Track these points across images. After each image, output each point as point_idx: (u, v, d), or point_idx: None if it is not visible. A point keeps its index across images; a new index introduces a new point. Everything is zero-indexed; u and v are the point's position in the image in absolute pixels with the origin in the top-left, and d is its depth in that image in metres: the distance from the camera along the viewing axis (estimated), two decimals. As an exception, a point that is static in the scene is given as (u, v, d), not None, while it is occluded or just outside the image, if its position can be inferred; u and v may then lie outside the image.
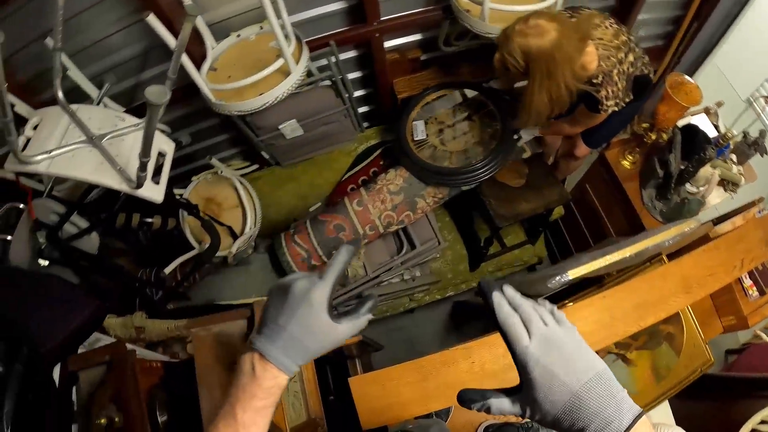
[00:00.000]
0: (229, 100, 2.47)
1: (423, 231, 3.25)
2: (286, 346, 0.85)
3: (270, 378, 0.85)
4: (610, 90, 2.33)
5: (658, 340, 2.38)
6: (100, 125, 2.13)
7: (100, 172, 2.01)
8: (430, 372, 1.97)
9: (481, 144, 3.00)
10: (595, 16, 2.35)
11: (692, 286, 2.12)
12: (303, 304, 0.86)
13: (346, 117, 3.20)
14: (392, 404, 1.97)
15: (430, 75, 3.22)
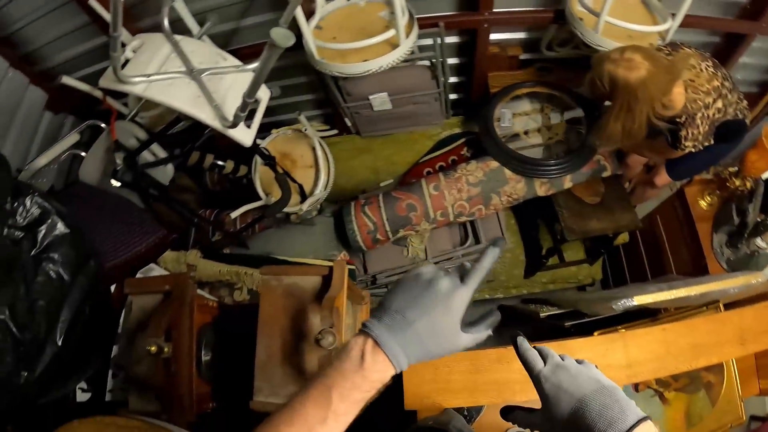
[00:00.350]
0: (331, 60, 2.47)
1: (490, 228, 3.23)
2: (407, 342, 0.80)
3: (378, 371, 0.79)
4: (690, 131, 2.33)
5: (697, 386, 2.36)
6: (201, 60, 2.15)
7: (196, 105, 2.03)
8: (483, 366, 1.97)
9: (564, 143, 3.00)
10: (693, 56, 2.34)
11: (747, 339, 2.11)
12: (440, 305, 0.81)
13: (436, 100, 3.18)
14: (440, 390, 1.97)
15: (525, 75, 3.19)
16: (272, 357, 1.80)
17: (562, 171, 2.87)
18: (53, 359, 1.69)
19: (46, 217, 1.75)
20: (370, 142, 3.49)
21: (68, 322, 1.75)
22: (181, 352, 1.82)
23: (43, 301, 1.67)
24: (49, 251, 1.74)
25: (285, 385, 1.78)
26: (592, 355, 2.00)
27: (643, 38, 2.56)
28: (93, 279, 1.86)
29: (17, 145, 2.90)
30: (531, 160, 2.86)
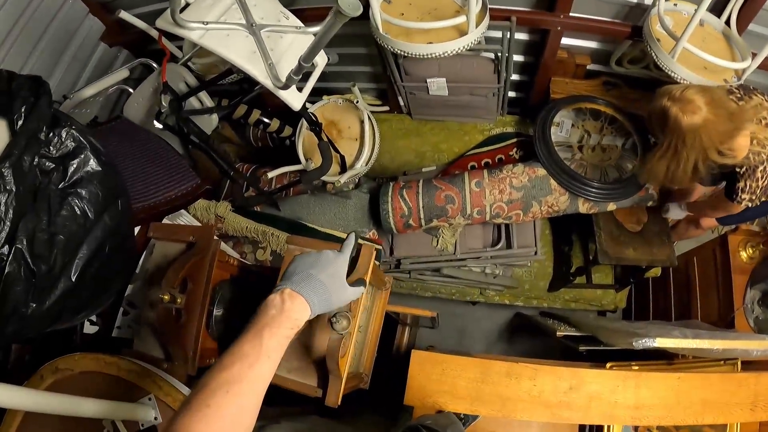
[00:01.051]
0: (395, 36, 2.43)
1: (525, 235, 3.17)
2: (315, 289, 1.06)
3: (297, 311, 1.02)
4: (748, 184, 2.21)
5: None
6: (263, 15, 2.11)
7: (250, 60, 1.99)
8: (491, 377, 1.97)
9: (617, 169, 2.92)
10: (761, 107, 2.19)
11: (759, 406, 2.09)
12: (333, 263, 1.14)
13: (494, 95, 3.11)
14: (443, 391, 2.00)
15: (589, 86, 3.09)
16: None
17: (608, 197, 2.79)
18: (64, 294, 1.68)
19: (80, 152, 1.73)
20: (420, 125, 3.44)
21: (85, 259, 1.73)
22: (194, 305, 1.82)
23: (64, 236, 1.66)
24: (77, 186, 1.72)
25: (289, 359, 1.77)
26: (602, 389, 1.97)
27: (719, 73, 2.46)
28: (118, 219, 1.84)
29: (68, 72, 2.96)
30: (580, 177, 2.77)
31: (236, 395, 0.88)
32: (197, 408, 0.86)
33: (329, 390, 1.67)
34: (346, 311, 1.62)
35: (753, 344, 2.22)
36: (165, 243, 2.09)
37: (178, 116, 2.51)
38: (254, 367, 0.92)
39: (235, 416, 0.88)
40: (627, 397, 1.99)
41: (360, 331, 2.04)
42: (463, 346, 3.76)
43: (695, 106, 2.02)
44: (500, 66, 2.83)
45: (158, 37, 2.70)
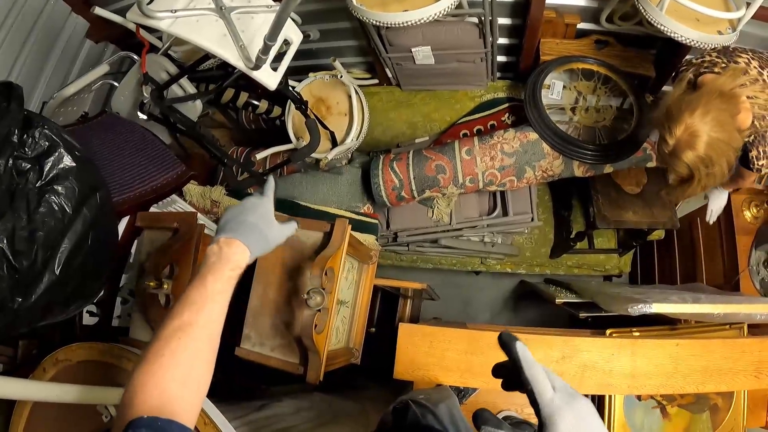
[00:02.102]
0: (371, 7, 2.37)
1: (520, 202, 3.14)
2: (249, 231, 1.13)
3: (236, 252, 1.07)
4: (761, 150, 2.05)
5: (702, 406, 2.31)
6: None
7: (221, 43, 1.96)
8: (481, 348, 1.95)
9: (611, 130, 2.84)
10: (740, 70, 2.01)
11: (764, 372, 2.03)
12: (258, 206, 1.19)
13: (483, 61, 3.04)
14: (432, 364, 1.96)
15: (581, 46, 3.00)
16: (264, 306, 1.81)
17: (604, 159, 2.73)
18: (50, 287, 1.72)
19: (54, 150, 1.77)
20: (411, 96, 3.39)
21: (68, 252, 1.77)
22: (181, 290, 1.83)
23: (43, 232, 1.70)
24: (53, 183, 1.76)
25: (272, 336, 1.79)
26: (597, 358, 1.94)
27: (712, 24, 2.36)
28: (97, 211, 1.87)
29: (57, 71, 2.98)
30: (573, 140, 2.71)
31: (189, 340, 0.91)
32: (153, 359, 0.88)
33: (309, 366, 1.68)
34: (320, 287, 1.62)
35: (756, 308, 2.17)
36: (153, 231, 2.12)
37: (160, 105, 2.52)
38: (202, 312, 0.95)
39: (190, 361, 0.90)
40: (623, 366, 1.95)
41: (346, 306, 2.04)
42: (468, 316, 3.76)
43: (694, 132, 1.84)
44: (485, 30, 2.75)
45: (136, 29, 2.70)
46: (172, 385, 0.86)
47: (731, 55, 2.10)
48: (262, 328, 1.79)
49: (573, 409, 0.78)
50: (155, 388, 0.85)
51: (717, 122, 1.83)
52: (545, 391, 0.80)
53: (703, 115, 1.82)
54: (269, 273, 1.82)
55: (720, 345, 2.02)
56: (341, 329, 2.02)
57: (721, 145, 1.85)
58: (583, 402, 0.80)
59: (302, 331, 1.60)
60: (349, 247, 1.82)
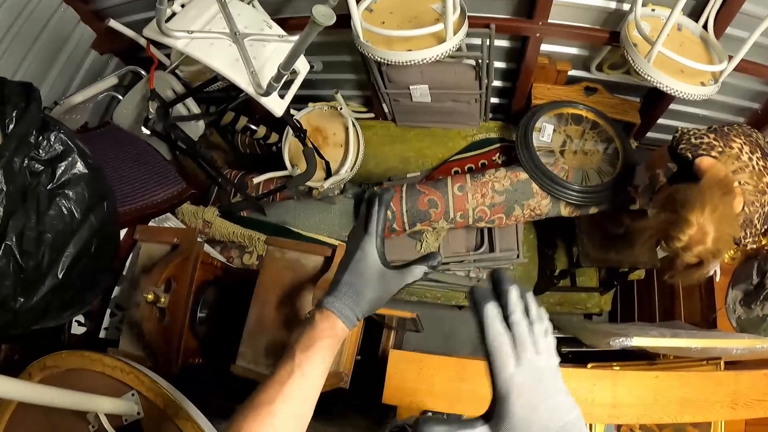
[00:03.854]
0: (376, 44, 2.46)
1: (507, 239, 3.21)
2: (341, 293, 0.94)
3: (326, 321, 0.91)
4: (749, 232, 2.16)
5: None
6: (246, 24, 2.16)
7: (233, 68, 2.04)
8: (469, 376, 1.97)
9: (599, 173, 2.95)
10: (735, 156, 2.12)
11: (739, 404, 2.08)
12: (355, 255, 0.97)
13: (477, 101, 3.15)
14: (421, 390, 1.98)
15: (570, 92, 3.14)
16: (261, 326, 1.83)
17: (590, 201, 2.84)
18: (51, 290, 1.72)
19: (68, 155, 1.78)
20: (405, 131, 3.48)
21: (72, 257, 1.78)
22: (178, 305, 1.85)
23: (51, 234, 1.70)
24: (65, 187, 1.77)
25: (268, 355, 1.80)
26: (578, 387, 1.98)
27: (696, 76, 2.50)
28: (103, 220, 1.88)
29: (60, 78, 2.99)
30: (561, 181, 2.82)
31: (269, 415, 0.84)
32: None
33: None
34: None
35: (732, 343, 2.25)
36: (150, 245, 2.12)
37: (165, 123, 2.56)
38: (289, 383, 0.86)
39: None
40: (604, 396, 1.99)
41: (339, 332, 2.07)
42: (450, 349, 3.75)
43: (701, 230, 1.91)
44: (481, 72, 2.87)
45: (146, 45, 2.75)
46: None
47: (727, 138, 2.19)
48: (259, 346, 1.81)
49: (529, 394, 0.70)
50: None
51: (724, 217, 1.92)
52: (505, 365, 0.72)
53: (711, 212, 1.90)
54: (268, 293, 1.84)
55: (697, 377, 2.08)
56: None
57: (728, 238, 1.97)
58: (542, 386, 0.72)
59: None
60: (348, 273, 1.85)
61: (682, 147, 2.21)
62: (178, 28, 2.00)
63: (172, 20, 2.07)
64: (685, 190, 1.99)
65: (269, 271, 1.84)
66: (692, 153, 2.15)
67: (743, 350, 2.25)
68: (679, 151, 2.21)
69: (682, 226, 1.92)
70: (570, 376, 2.00)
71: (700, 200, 1.91)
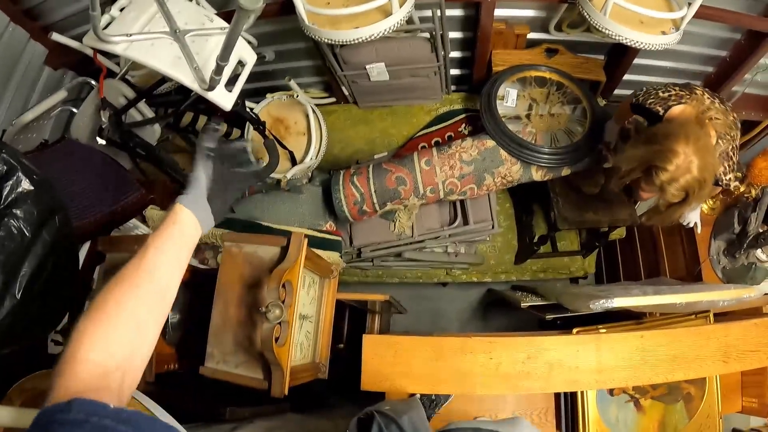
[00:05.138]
0: (322, 26, 2.40)
1: (480, 210, 3.17)
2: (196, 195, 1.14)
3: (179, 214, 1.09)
4: (726, 165, 2.17)
5: (676, 396, 2.33)
6: (187, 20, 2.11)
7: (175, 66, 2.00)
8: (446, 354, 1.95)
9: (567, 133, 2.91)
10: (701, 99, 2.20)
11: (731, 357, 2.06)
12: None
13: (436, 74, 3.09)
14: (399, 373, 1.96)
15: (531, 56, 3.08)
16: (226, 324, 1.81)
17: (561, 162, 2.79)
18: (12, 311, 1.69)
19: (12, 174, 1.74)
20: (368, 113, 3.43)
21: (29, 276, 1.74)
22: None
23: (3, 255, 1.67)
24: (12, 207, 1.73)
25: (235, 353, 1.78)
26: (561, 355, 1.96)
27: (656, 25, 2.45)
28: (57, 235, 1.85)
29: (16, 98, 2.94)
30: (529, 145, 2.77)
31: (132, 287, 0.93)
32: (97, 306, 0.89)
33: (273, 381, 1.68)
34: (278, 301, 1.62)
35: (717, 295, 2.22)
36: (114, 255, 2.10)
37: (119, 130, 2.51)
38: (145, 258, 0.97)
39: (135, 308, 0.92)
40: (588, 361, 1.96)
41: (310, 321, 2.04)
42: (439, 328, 3.76)
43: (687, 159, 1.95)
44: (436, 44, 2.80)
45: (93, 54, 2.69)
46: (116, 333, 0.88)
47: (689, 89, 2.24)
48: (225, 345, 1.79)
49: None
50: (101, 338, 0.86)
51: (705, 147, 1.97)
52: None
53: (695, 142, 1.94)
54: (229, 290, 1.82)
55: (686, 333, 2.06)
56: (306, 344, 2.02)
57: (711, 166, 1.99)
58: None
59: (263, 344, 1.61)
60: (307, 261, 1.82)
61: (651, 102, 2.24)
62: (116, 33, 1.96)
63: (111, 25, 2.03)
64: (665, 126, 2.09)
65: (228, 267, 1.84)
66: (663, 107, 2.18)
67: (730, 301, 2.23)
68: (649, 106, 2.23)
69: (669, 155, 1.95)
70: (552, 344, 1.97)
71: (683, 132, 1.97)
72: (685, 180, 1.95)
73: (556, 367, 1.95)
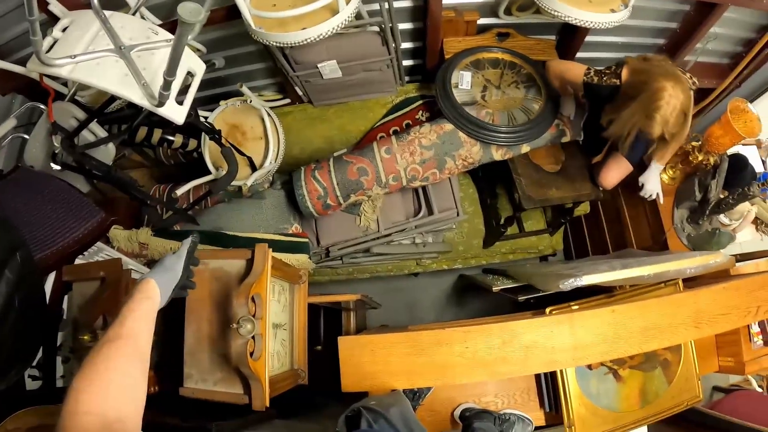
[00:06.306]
0: (269, 29, 2.37)
1: (444, 199, 3.18)
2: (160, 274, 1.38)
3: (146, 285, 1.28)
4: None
5: (653, 363, 2.37)
6: (131, 35, 2.05)
7: (123, 84, 1.94)
8: (422, 348, 1.94)
9: (524, 111, 2.93)
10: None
11: (703, 322, 2.10)
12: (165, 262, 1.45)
13: (389, 67, 3.07)
14: (378, 372, 1.95)
15: (483, 41, 3.09)
16: (200, 342, 1.80)
17: (519, 140, 2.82)
18: (-17, 352, 1.67)
19: (-34, 214, 1.72)
20: (323, 111, 3.39)
21: (-6, 314, 1.72)
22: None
23: None
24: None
25: (213, 371, 1.77)
26: (536, 337, 1.98)
27: (605, 4, 2.47)
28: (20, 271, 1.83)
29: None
30: (487, 125, 2.79)
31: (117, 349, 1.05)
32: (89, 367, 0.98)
33: (253, 394, 1.68)
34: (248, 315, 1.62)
35: (684, 263, 2.27)
36: (81, 284, 2.08)
37: (73, 153, 2.45)
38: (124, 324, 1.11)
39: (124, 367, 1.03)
40: (563, 341, 1.98)
41: (284, 328, 2.04)
42: (415, 318, 3.79)
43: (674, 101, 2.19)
44: (387, 37, 2.78)
45: (40, 78, 2.62)
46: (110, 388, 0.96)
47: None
48: (202, 364, 1.78)
49: None
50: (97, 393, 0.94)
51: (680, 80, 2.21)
52: None
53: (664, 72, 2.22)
54: (200, 309, 1.81)
55: (656, 303, 2.08)
56: (282, 352, 2.02)
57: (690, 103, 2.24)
58: None
59: (238, 360, 1.60)
60: (274, 270, 1.82)
61: (606, 78, 2.40)
62: (60, 55, 1.90)
63: (55, 47, 1.97)
64: (633, 80, 2.31)
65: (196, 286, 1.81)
66: (614, 77, 2.37)
67: (697, 268, 2.28)
68: (605, 83, 2.39)
69: (659, 92, 2.17)
70: (524, 328, 1.99)
71: (660, 71, 2.23)
72: (679, 101, 2.18)
73: (532, 349, 1.97)
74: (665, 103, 2.16)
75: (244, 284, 1.67)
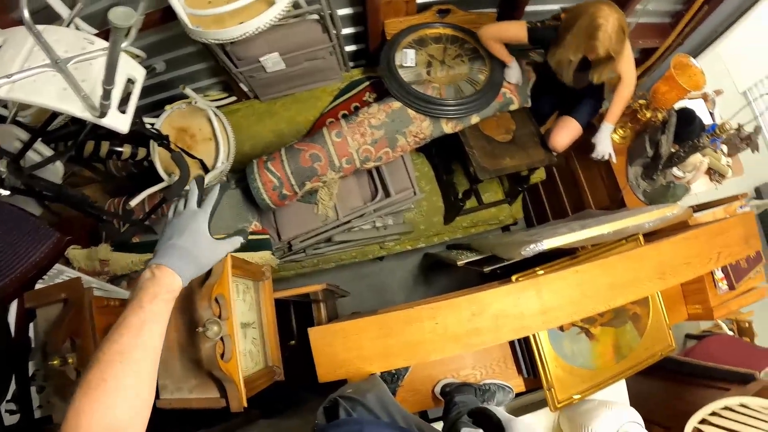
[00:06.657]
0: (207, 27, 2.34)
1: (399, 180, 3.20)
2: (180, 255, 1.07)
3: (168, 281, 1.03)
4: None
5: (623, 318, 2.41)
6: (67, 48, 1.99)
7: (62, 98, 1.89)
8: (393, 329, 1.94)
9: (470, 83, 2.96)
10: None
11: (666, 273, 2.13)
12: (191, 224, 1.13)
13: (332, 54, 3.06)
14: (352, 358, 1.95)
15: (424, 19, 3.09)
16: (170, 351, 1.78)
17: (468, 111, 2.86)
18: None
19: None
20: (271, 105, 3.36)
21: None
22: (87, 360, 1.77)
23: None
24: None
25: (186, 378, 1.76)
26: (504, 305, 1.99)
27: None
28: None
29: None
30: (435, 99, 2.82)
31: (130, 363, 0.91)
32: (95, 384, 0.86)
33: (229, 396, 1.66)
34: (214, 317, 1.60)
35: (642, 218, 2.32)
36: (45, 309, 2.04)
37: (20, 176, 2.39)
38: (142, 334, 0.94)
39: (134, 385, 0.90)
40: (531, 306, 1.99)
41: (253, 327, 2.03)
42: (386, 302, 3.81)
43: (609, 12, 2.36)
44: (327, 24, 2.77)
45: (-24, 102, 2.56)
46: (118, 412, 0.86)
47: None
48: (175, 373, 1.76)
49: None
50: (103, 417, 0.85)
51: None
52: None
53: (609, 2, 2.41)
54: (162, 318, 1.79)
55: (619, 260, 2.11)
56: (255, 351, 2.00)
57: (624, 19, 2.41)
58: None
59: (209, 363, 1.59)
60: (235, 270, 1.80)
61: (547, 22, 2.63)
62: (-5, 77, 1.84)
63: (-11, 69, 1.91)
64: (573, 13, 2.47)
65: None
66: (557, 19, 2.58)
67: (655, 221, 2.33)
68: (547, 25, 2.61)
69: (596, 13, 2.36)
70: (492, 297, 2.00)
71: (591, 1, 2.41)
72: (615, 18, 2.34)
73: (501, 317, 1.98)
74: (604, 21, 2.33)
75: (205, 286, 1.66)
